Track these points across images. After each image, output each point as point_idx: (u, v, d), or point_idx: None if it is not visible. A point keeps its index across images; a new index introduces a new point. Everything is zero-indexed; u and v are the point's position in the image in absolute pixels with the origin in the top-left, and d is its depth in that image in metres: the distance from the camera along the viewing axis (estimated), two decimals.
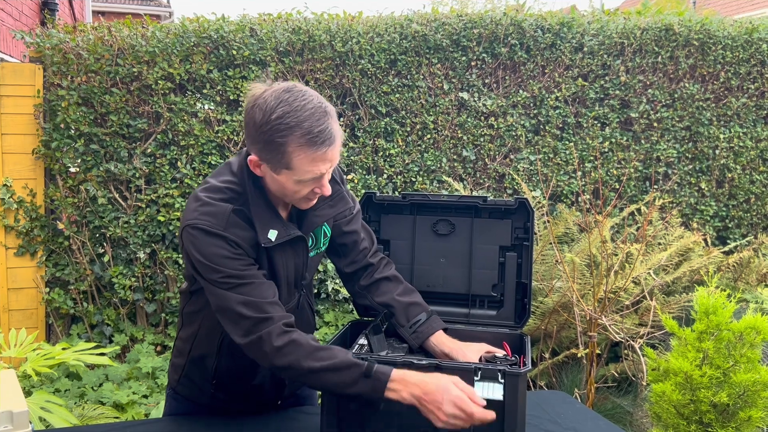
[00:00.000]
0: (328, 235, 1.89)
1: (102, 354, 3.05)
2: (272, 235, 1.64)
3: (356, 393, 1.54)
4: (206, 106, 4.35)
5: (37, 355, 2.72)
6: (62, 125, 4.22)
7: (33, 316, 4.37)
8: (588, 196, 4.74)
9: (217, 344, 1.80)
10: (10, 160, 4.25)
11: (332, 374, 1.54)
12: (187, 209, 1.64)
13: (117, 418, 3.41)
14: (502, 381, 1.59)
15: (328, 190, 1.64)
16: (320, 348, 1.58)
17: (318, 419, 1.71)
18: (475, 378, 1.60)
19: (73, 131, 4.24)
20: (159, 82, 4.27)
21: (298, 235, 1.70)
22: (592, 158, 4.85)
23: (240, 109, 4.39)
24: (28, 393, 3.45)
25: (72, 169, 4.28)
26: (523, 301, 2.07)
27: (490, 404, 1.58)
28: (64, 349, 2.79)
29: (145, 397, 3.82)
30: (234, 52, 4.33)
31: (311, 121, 1.50)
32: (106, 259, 4.36)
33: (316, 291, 4.51)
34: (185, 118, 4.33)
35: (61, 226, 4.29)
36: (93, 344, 2.96)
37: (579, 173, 4.80)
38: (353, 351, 1.83)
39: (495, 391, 1.59)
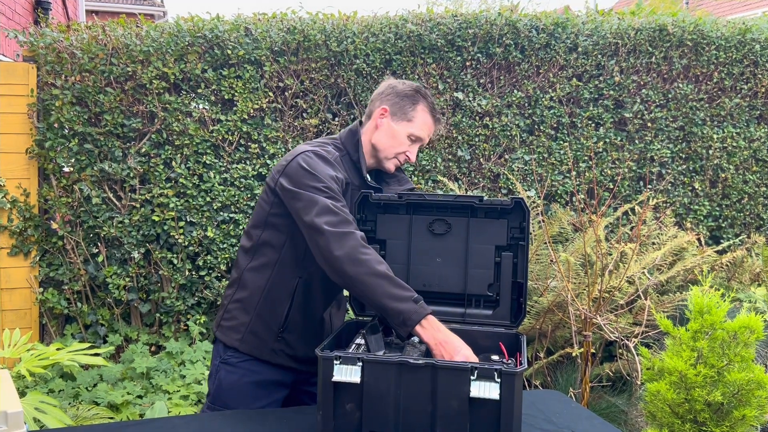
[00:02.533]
0: None
1: (96, 354, 3.03)
2: (367, 176, 2.12)
3: (398, 309, 1.75)
4: (201, 106, 4.34)
5: (31, 355, 2.71)
6: (56, 125, 4.20)
7: (26, 316, 4.35)
8: (582, 196, 4.75)
9: (291, 289, 2.06)
10: (4, 159, 4.23)
11: (390, 284, 1.77)
12: (296, 150, 2.04)
13: (111, 418, 3.40)
14: (499, 380, 1.59)
15: (414, 157, 2.17)
16: (383, 262, 1.84)
17: (314, 419, 1.71)
18: (472, 377, 1.60)
19: (67, 131, 4.22)
20: (153, 81, 4.26)
21: (379, 188, 2.16)
22: (586, 158, 4.87)
23: (235, 108, 4.38)
24: (22, 393, 3.43)
25: (66, 169, 4.26)
26: (519, 300, 2.07)
27: (487, 403, 1.59)
28: (58, 349, 2.78)
29: (140, 397, 3.81)
30: (229, 52, 4.32)
31: (433, 102, 2.20)
32: (100, 259, 4.34)
33: None
34: (180, 117, 4.32)
35: (54, 225, 4.27)
36: (87, 344, 2.95)
37: (573, 173, 4.81)
38: (350, 350, 1.83)
39: (491, 390, 1.59)
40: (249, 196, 4.43)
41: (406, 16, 4.68)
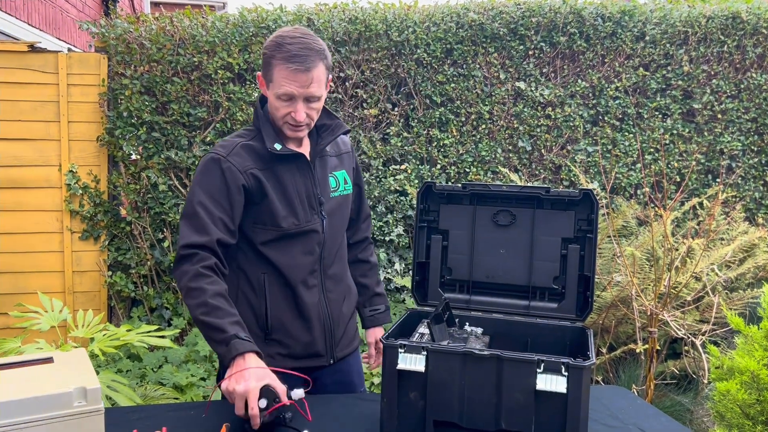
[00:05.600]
0: (349, 181, 2.15)
1: (163, 337, 3.12)
2: (277, 146, 1.92)
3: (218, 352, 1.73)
4: None
5: (103, 336, 2.81)
6: (125, 113, 4.34)
7: (96, 298, 4.52)
8: (648, 189, 4.62)
9: (261, 287, 1.97)
10: (76, 147, 4.39)
11: (208, 330, 1.72)
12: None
13: (177, 399, 3.51)
14: (566, 374, 1.57)
15: (300, 116, 1.87)
16: (208, 303, 1.74)
17: (377, 406, 1.72)
18: (538, 370, 1.58)
19: (135, 119, 4.35)
20: (218, 71, 4.34)
21: (299, 154, 1.96)
22: (652, 150, 4.73)
23: None
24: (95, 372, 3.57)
25: (134, 156, 4.40)
26: (585, 293, 2.04)
27: (553, 397, 1.57)
28: (128, 330, 2.88)
29: (203, 379, 3.92)
30: None
31: (295, 48, 1.81)
32: (165, 244, 4.47)
33: None
34: (243, 107, 4.40)
35: (123, 211, 4.42)
36: (155, 326, 3.05)
37: (639, 165, 4.68)
38: (413, 340, 1.83)
39: (558, 383, 1.57)
40: None
41: (468, 4, 4.64)
